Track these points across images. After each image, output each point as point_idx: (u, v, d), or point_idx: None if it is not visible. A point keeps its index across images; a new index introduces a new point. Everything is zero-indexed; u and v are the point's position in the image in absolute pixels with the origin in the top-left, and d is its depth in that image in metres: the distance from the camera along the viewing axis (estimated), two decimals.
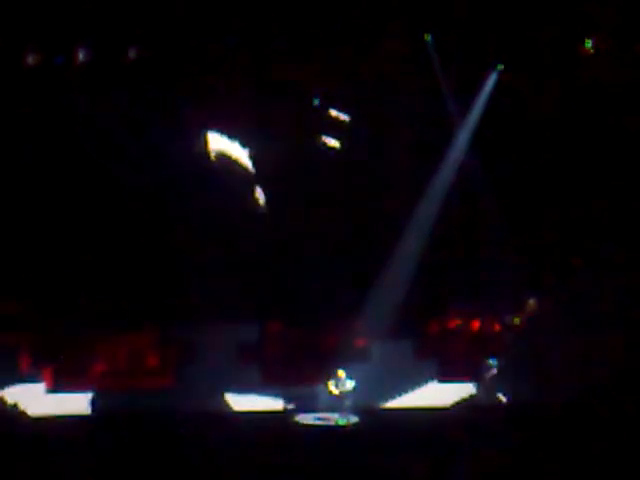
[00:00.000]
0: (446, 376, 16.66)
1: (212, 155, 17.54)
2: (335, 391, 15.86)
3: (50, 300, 17.00)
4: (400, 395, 16.32)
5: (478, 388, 16.43)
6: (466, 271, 17.24)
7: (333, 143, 17.61)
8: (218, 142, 17.56)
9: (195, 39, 16.68)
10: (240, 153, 17.68)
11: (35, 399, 16.04)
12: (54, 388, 16.44)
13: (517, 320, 17.11)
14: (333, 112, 17.57)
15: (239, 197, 17.72)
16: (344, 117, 17.55)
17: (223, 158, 17.61)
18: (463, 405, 16.30)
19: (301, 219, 17.47)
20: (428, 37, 17.04)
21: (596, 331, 16.14)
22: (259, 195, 17.81)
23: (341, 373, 15.92)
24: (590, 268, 16.78)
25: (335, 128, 17.61)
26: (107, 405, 15.84)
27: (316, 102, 17.52)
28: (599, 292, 16.45)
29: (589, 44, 16.88)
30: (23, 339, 16.72)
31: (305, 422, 15.15)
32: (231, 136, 17.51)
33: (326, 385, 15.93)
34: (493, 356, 16.54)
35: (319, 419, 15.20)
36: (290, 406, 15.92)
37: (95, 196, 17.17)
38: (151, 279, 17.20)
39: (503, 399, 16.19)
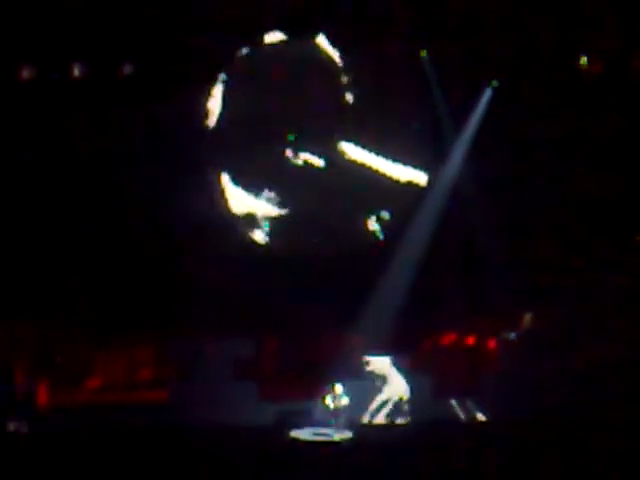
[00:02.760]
0: (441, 391, 16.48)
1: None
2: (331, 406, 15.70)
3: (46, 314, 16.86)
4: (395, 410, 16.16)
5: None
6: (462, 286, 17.18)
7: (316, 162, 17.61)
8: None
9: (191, 53, 16.69)
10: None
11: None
12: (49, 403, 16.28)
13: (513, 335, 17.04)
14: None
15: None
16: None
17: None
18: (458, 420, 16.17)
19: (297, 234, 17.41)
20: (424, 53, 17.03)
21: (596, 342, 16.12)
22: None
23: (337, 388, 15.77)
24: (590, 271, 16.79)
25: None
26: (102, 419, 15.63)
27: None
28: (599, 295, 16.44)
29: (584, 60, 16.88)
30: (18, 353, 16.54)
31: (300, 437, 14.96)
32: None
33: (322, 400, 15.76)
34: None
35: (314, 434, 15.02)
36: (285, 421, 15.73)
37: (92, 210, 17.08)
38: (147, 294, 17.08)
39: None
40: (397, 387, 16.23)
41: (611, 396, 15.43)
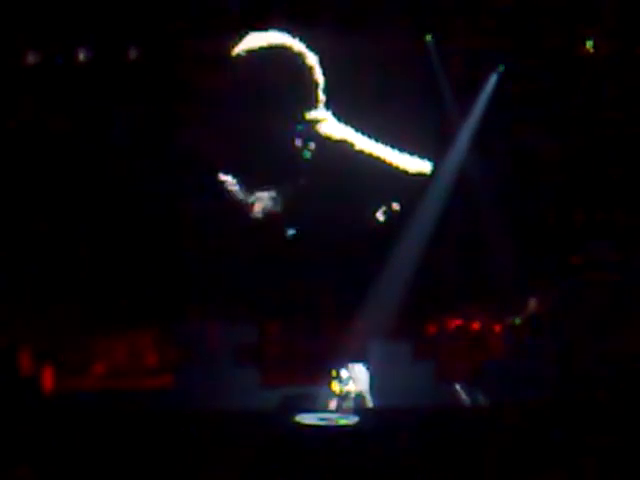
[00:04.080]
0: (445, 377, 16.38)
1: None
2: (337, 391, 15.62)
3: (50, 300, 16.78)
4: (399, 395, 16.04)
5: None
6: (466, 271, 17.11)
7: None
8: None
9: (195, 38, 16.61)
10: None
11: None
12: (53, 389, 16.20)
13: (518, 321, 16.96)
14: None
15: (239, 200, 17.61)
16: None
17: None
18: (462, 405, 16.06)
19: (300, 219, 17.35)
20: (429, 38, 16.95)
21: (596, 330, 16.01)
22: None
23: (343, 373, 15.68)
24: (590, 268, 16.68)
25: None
26: (106, 405, 15.55)
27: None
28: (599, 292, 16.33)
29: (590, 45, 16.80)
30: (22, 339, 16.45)
31: (305, 422, 14.84)
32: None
33: (328, 386, 15.68)
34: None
35: (319, 419, 14.90)
36: (290, 406, 15.63)
37: (94, 194, 16.99)
38: (150, 279, 17.00)
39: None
40: (359, 377, 16.14)
41: (612, 381, 15.40)
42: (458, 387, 16.12)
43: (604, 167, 17.19)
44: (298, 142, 17.52)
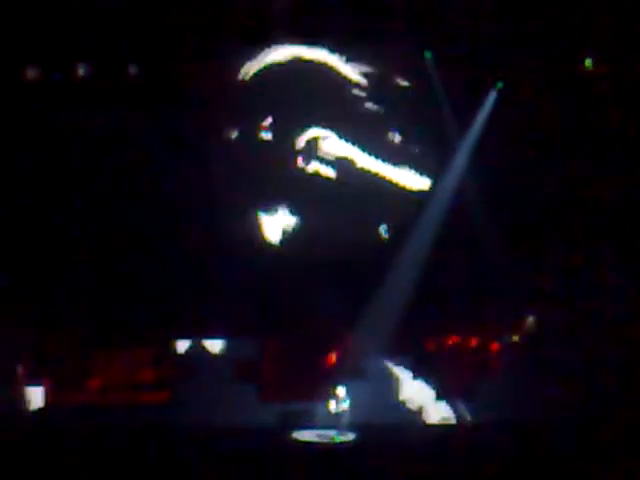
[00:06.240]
0: (444, 393, 16.32)
1: None
2: (333, 409, 15.57)
3: (48, 315, 16.72)
4: (398, 412, 16.00)
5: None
6: (465, 288, 17.07)
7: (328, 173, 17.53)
8: None
9: (194, 55, 16.60)
10: None
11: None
12: (51, 403, 16.12)
13: (516, 338, 16.93)
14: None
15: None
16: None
17: None
18: (461, 422, 16.00)
19: (299, 235, 17.33)
20: (428, 54, 16.95)
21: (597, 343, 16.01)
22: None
23: (340, 391, 15.63)
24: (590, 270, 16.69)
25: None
26: (103, 420, 15.49)
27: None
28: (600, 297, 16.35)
29: (589, 63, 16.81)
30: (21, 353, 16.38)
31: (302, 439, 14.80)
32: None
33: (325, 403, 15.62)
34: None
35: (316, 436, 14.86)
36: (287, 423, 15.58)
37: (93, 211, 16.96)
38: (149, 294, 16.94)
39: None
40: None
41: (612, 398, 15.34)
42: (458, 404, 16.10)
43: (604, 182, 17.17)
44: (300, 161, 17.52)
